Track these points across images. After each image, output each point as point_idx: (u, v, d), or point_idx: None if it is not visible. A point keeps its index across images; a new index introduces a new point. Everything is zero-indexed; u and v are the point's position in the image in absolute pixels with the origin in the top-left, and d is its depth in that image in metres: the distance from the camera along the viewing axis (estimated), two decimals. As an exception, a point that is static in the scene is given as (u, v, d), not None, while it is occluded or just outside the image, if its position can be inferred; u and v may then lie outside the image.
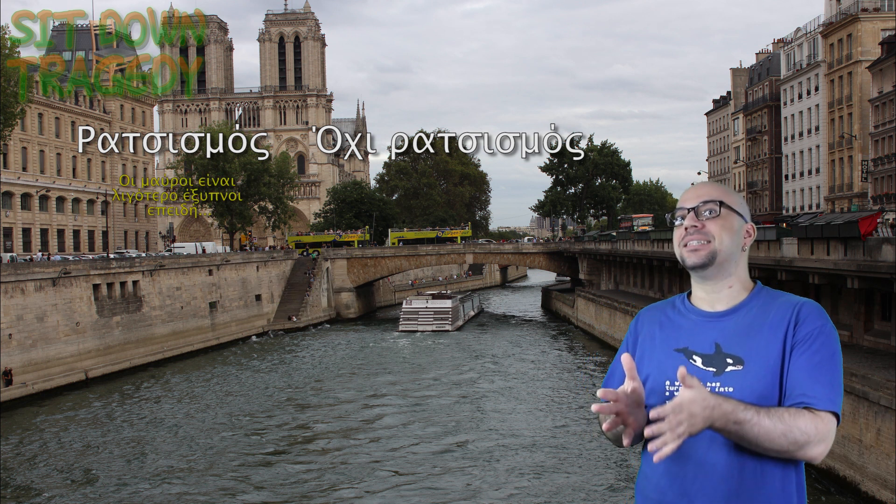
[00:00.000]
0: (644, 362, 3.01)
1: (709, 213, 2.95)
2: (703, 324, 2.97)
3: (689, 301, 3.09)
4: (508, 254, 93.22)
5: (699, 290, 3.04)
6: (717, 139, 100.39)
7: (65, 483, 28.09)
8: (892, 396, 22.37)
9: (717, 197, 2.97)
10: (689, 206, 2.99)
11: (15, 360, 42.56)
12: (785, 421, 2.65)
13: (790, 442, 2.65)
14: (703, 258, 2.93)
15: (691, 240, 2.96)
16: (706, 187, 3.04)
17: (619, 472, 27.84)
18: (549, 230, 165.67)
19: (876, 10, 62.40)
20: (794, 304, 2.90)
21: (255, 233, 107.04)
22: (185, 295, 61.44)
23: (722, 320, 2.95)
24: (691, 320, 3.01)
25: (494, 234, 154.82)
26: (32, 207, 70.96)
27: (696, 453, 2.80)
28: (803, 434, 2.65)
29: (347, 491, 26.73)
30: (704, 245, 2.93)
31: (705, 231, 2.94)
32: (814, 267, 32.00)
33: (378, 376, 48.52)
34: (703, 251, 2.93)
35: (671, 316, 3.07)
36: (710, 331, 2.94)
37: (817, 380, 2.74)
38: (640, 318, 3.16)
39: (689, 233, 2.96)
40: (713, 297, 3.00)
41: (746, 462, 2.77)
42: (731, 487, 2.78)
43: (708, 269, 2.95)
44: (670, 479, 2.85)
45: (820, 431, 2.68)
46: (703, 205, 2.97)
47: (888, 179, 57.31)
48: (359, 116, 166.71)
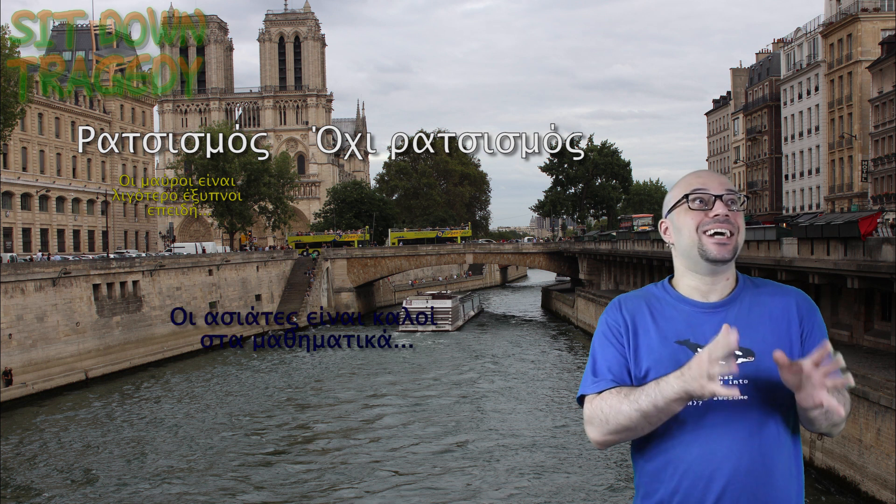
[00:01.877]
0: (642, 355, 2.86)
1: (735, 206, 2.83)
2: (699, 315, 2.86)
3: (673, 289, 2.95)
4: (508, 254, 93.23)
5: (696, 280, 2.90)
6: (717, 139, 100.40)
7: (65, 483, 28.08)
8: (892, 396, 22.36)
9: (737, 189, 2.87)
10: (715, 192, 2.83)
11: (15, 360, 42.55)
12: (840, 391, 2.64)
13: (846, 410, 2.68)
14: (730, 252, 2.81)
15: (720, 229, 2.80)
16: (721, 176, 2.91)
17: (619, 472, 27.83)
18: (549, 230, 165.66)
19: (876, 10, 62.41)
20: (789, 295, 2.90)
21: (255, 233, 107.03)
22: (186, 295, 61.43)
23: (718, 312, 2.86)
24: (684, 311, 2.89)
25: (494, 234, 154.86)
26: (32, 207, 70.96)
27: (722, 447, 2.74)
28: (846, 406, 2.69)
29: (347, 491, 26.73)
30: (730, 238, 2.81)
31: (732, 222, 2.81)
32: (814, 267, 32.00)
33: (378, 376, 48.51)
34: (730, 245, 2.81)
35: (658, 306, 2.91)
36: (710, 323, 2.83)
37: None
38: (624, 306, 2.94)
39: (719, 220, 2.80)
40: (709, 289, 2.89)
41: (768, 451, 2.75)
42: (755, 479, 2.73)
43: (727, 263, 2.85)
44: (693, 479, 2.76)
45: (847, 407, 2.72)
46: (729, 194, 2.84)
47: (888, 179, 57.31)
48: (359, 116, 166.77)
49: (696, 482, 2.75)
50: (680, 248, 2.91)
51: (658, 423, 2.72)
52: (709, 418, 2.76)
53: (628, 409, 2.69)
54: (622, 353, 2.88)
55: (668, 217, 2.96)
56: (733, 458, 2.72)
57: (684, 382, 2.55)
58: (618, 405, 2.73)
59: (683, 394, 2.57)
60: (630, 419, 2.70)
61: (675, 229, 2.92)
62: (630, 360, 2.87)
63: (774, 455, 2.76)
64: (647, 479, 2.87)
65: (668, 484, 2.80)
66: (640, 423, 2.70)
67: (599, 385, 2.84)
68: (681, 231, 2.88)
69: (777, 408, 2.78)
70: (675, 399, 2.60)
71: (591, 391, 2.85)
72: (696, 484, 2.75)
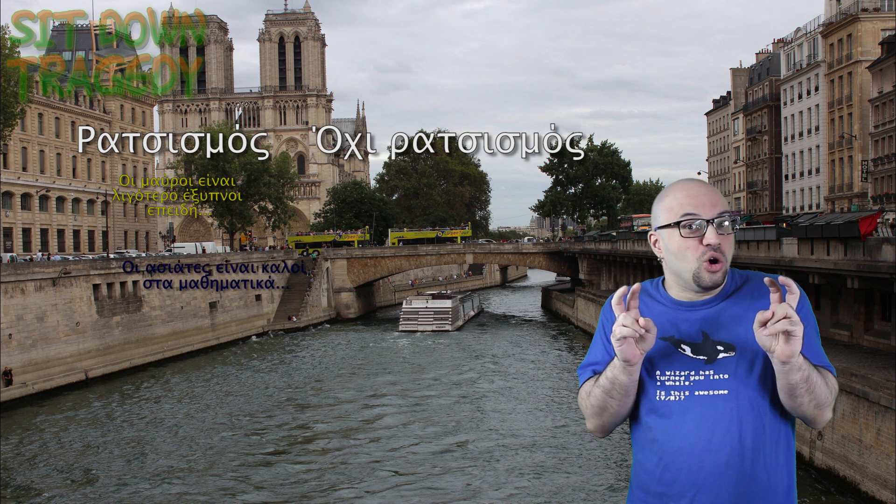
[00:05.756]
0: None
1: (725, 230, 2.80)
2: (684, 312, 2.90)
3: (665, 290, 2.97)
4: (508, 254, 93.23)
5: (685, 294, 2.92)
6: (717, 139, 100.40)
7: (65, 483, 28.09)
8: (892, 396, 22.36)
9: (729, 209, 2.83)
10: (707, 216, 2.81)
11: (15, 360, 42.55)
12: (821, 375, 2.70)
13: (830, 395, 2.71)
14: (722, 277, 2.82)
15: (712, 257, 2.79)
16: (714, 194, 2.87)
17: (619, 472, 27.84)
18: (549, 230, 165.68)
19: (876, 10, 62.40)
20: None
21: (255, 233, 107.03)
22: (185, 295, 61.43)
23: (702, 309, 2.89)
24: (671, 309, 2.93)
25: (494, 234, 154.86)
26: (32, 207, 70.95)
27: (701, 440, 2.80)
28: (832, 390, 2.73)
29: (347, 491, 26.73)
30: (721, 265, 2.80)
31: (722, 250, 2.80)
32: (814, 267, 32.00)
33: (378, 376, 48.52)
34: (722, 270, 2.81)
35: (648, 304, 2.95)
36: (694, 319, 2.88)
37: (819, 350, 2.80)
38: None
39: (713, 249, 2.78)
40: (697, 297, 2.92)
41: (750, 444, 2.78)
42: (736, 471, 2.78)
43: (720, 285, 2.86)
44: (674, 471, 2.83)
45: (836, 392, 2.76)
46: (720, 216, 2.81)
47: (888, 179, 57.31)
48: (359, 116, 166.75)
49: (678, 475, 2.83)
50: (671, 268, 2.92)
51: (621, 399, 2.86)
52: (690, 412, 2.83)
53: (596, 391, 2.89)
54: (607, 349, 2.96)
55: (657, 231, 2.94)
56: (713, 452, 2.78)
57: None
58: (590, 388, 2.94)
59: (618, 361, 2.77)
60: (598, 398, 2.89)
61: (665, 248, 2.91)
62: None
63: (757, 448, 2.79)
64: (638, 468, 2.97)
65: (653, 475, 2.89)
66: (606, 401, 2.88)
67: (582, 377, 3.03)
68: (672, 253, 2.87)
69: (759, 402, 2.80)
70: (617, 367, 2.79)
71: (580, 384, 3.05)
72: (677, 477, 2.83)
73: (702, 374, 2.82)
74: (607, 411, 2.90)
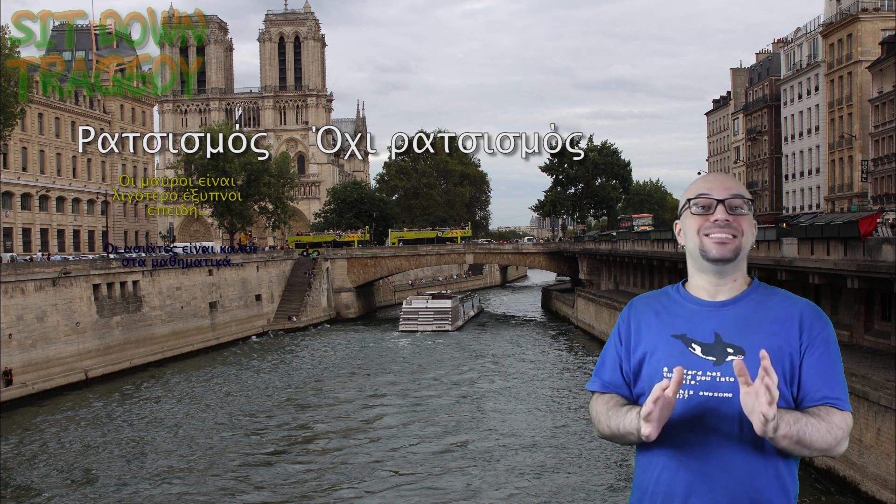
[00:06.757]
0: (639, 348, 3.01)
1: (740, 210, 2.95)
2: (701, 312, 2.97)
3: (685, 289, 3.08)
4: (508, 254, 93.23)
5: (703, 280, 3.02)
6: (717, 139, 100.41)
7: (65, 483, 28.08)
8: (892, 396, 22.37)
9: (745, 193, 2.99)
10: (718, 196, 2.96)
11: (15, 360, 42.55)
12: (825, 420, 2.74)
13: (833, 438, 2.74)
14: (731, 252, 2.93)
15: (719, 232, 2.93)
16: (730, 180, 3.04)
17: (619, 472, 27.84)
18: (549, 230, 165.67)
19: (876, 10, 62.41)
20: (797, 304, 2.94)
21: (255, 233, 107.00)
22: (185, 295, 61.43)
23: (721, 310, 2.96)
24: (689, 308, 3.01)
25: (494, 234, 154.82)
26: (32, 207, 70.95)
27: (701, 441, 2.83)
28: (840, 430, 2.76)
29: (347, 491, 26.73)
30: (731, 240, 2.93)
31: (735, 226, 2.93)
32: (814, 267, 31.99)
33: (378, 376, 48.52)
34: (731, 245, 2.93)
35: (666, 304, 3.06)
36: (710, 320, 2.95)
37: (835, 381, 2.84)
38: (633, 306, 3.15)
39: (719, 224, 2.93)
40: (716, 289, 3.00)
41: (750, 447, 2.80)
42: (736, 473, 2.81)
43: (730, 263, 2.95)
44: (674, 471, 2.86)
45: (846, 428, 2.79)
46: (734, 198, 2.95)
47: (888, 179, 57.31)
48: (359, 116, 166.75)
49: (678, 475, 2.86)
50: (687, 250, 3.06)
51: (629, 443, 2.92)
52: (693, 412, 2.86)
53: (605, 425, 2.96)
54: (618, 352, 3.06)
55: (680, 219, 3.10)
56: (713, 453, 2.83)
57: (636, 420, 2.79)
58: (602, 417, 2.98)
59: (634, 430, 2.81)
60: (606, 433, 2.98)
61: (683, 231, 3.06)
62: (623, 357, 3.05)
63: (757, 452, 2.81)
64: (639, 468, 3.03)
65: (653, 475, 2.92)
66: (614, 439, 2.95)
67: (592, 385, 3.11)
68: (686, 233, 3.04)
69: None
70: (629, 432, 2.84)
71: (589, 388, 3.13)
72: (676, 477, 2.87)
73: (709, 374, 2.86)
74: (617, 440, 2.98)
